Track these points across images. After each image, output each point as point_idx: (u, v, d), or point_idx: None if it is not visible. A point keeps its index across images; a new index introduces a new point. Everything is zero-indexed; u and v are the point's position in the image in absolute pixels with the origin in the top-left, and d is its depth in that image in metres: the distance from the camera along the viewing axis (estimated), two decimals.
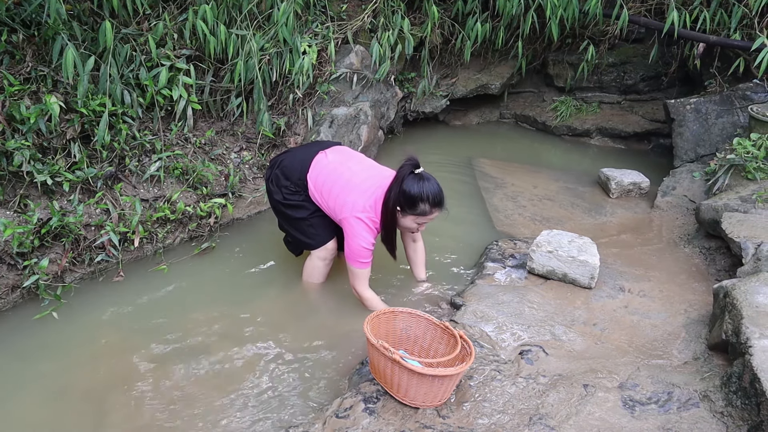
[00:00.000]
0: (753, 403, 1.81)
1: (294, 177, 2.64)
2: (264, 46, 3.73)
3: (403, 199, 2.38)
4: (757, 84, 4.14)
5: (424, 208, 2.39)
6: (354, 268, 2.55)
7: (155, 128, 3.34)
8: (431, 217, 2.44)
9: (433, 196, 2.37)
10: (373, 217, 2.48)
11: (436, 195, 2.38)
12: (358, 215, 2.46)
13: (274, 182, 2.71)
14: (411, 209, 2.40)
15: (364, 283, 2.59)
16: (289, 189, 2.67)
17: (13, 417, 2.09)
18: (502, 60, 5.51)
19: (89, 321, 2.60)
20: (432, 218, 2.46)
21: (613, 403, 2.00)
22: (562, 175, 4.49)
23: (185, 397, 2.19)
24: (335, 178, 2.55)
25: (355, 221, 2.46)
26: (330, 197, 2.56)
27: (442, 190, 2.41)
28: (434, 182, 2.40)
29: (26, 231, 2.60)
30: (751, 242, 2.73)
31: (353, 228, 2.47)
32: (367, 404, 2.00)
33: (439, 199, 2.39)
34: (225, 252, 3.20)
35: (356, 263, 2.53)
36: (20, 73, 2.88)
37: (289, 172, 2.66)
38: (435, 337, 2.20)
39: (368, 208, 2.47)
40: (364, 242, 2.48)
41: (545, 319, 2.54)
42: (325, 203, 2.60)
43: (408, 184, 2.37)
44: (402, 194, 2.38)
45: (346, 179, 2.53)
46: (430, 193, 2.36)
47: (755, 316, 2.07)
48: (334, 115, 4.08)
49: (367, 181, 2.54)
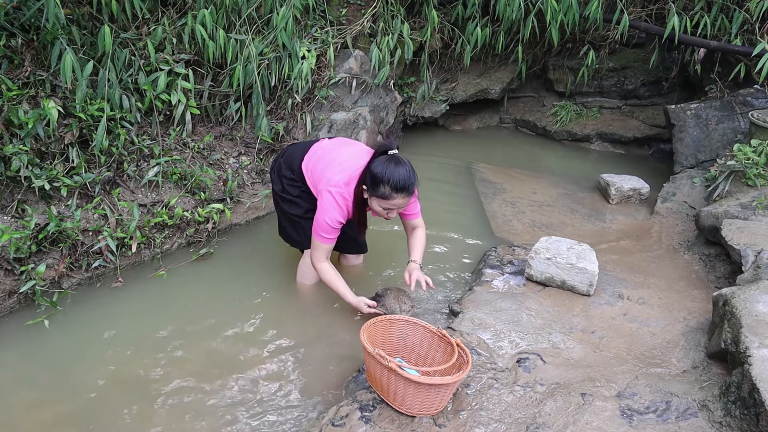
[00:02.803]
0: (752, 413, 1.79)
1: (295, 165, 2.65)
2: (263, 50, 3.72)
3: (368, 178, 2.30)
4: (758, 90, 4.13)
5: (384, 191, 2.26)
6: (315, 240, 2.51)
7: (154, 133, 3.33)
8: (393, 202, 2.30)
9: (395, 180, 2.23)
10: (344, 194, 2.41)
11: (399, 180, 2.23)
12: (330, 188, 2.41)
13: (276, 172, 2.74)
14: (373, 190, 2.30)
15: (320, 256, 2.54)
16: (288, 179, 2.67)
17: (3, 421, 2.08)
18: (502, 65, 5.51)
19: (86, 326, 2.59)
20: (395, 204, 2.31)
21: (611, 413, 1.99)
22: (562, 180, 4.48)
23: (180, 405, 2.17)
24: (326, 161, 2.53)
25: (326, 194, 2.42)
26: (314, 176, 2.55)
27: (411, 176, 2.27)
28: (405, 168, 2.25)
29: (23, 236, 2.60)
30: (751, 250, 2.72)
31: (323, 201, 2.43)
32: (363, 412, 1.99)
33: (402, 184, 2.24)
34: (223, 258, 3.19)
35: (318, 236, 2.48)
36: (19, 77, 2.87)
37: (291, 159, 2.68)
38: (432, 345, 2.19)
39: (341, 184, 2.41)
40: (328, 218, 2.41)
41: (543, 326, 2.53)
42: (314, 187, 2.58)
43: (375, 164, 2.28)
44: (368, 172, 2.30)
45: (332, 158, 2.52)
46: (393, 176, 2.23)
47: (755, 325, 2.05)
48: (333, 120, 4.08)
49: (350, 160, 2.47)
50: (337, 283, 2.56)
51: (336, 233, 2.49)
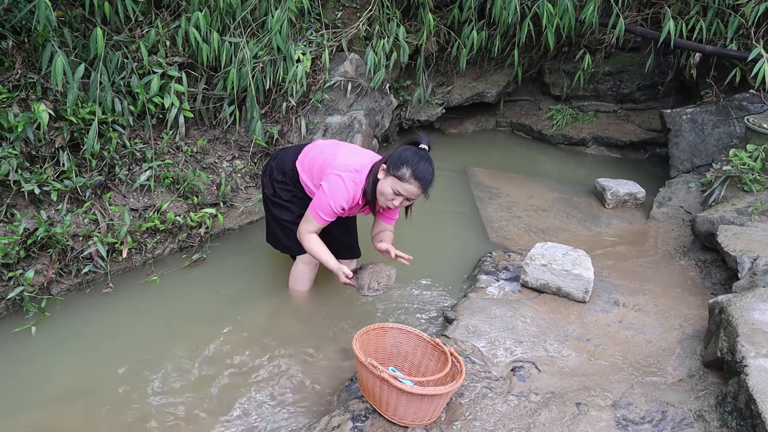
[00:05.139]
0: (748, 424, 1.77)
1: (287, 167, 2.62)
2: (257, 53, 3.69)
3: (394, 157, 2.31)
4: (754, 94, 4.13)
5: (405, 173, 2.26)
6: (310, 216, 2.46)
7: (146, 136, 3.30)
8: (406, 186, 2.28)
9: (420, 170, 2.26)
10: (356, 179, 2.39)
11: (423, 171, 2.27)
12: (340, 172, 2.38)
13: (267, 175, 2.72)
14: (394, 169, 2.28)
15: (310, 229, 2.51)
16: (279, 183, 2.65)
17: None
18: (498, 68, 5.49)
19: (75, 333, 2.55)
20: (407, 189, 2.29)
21: (607, 423, 1.96)
22: (558, 184, 4.46)
23: (169, 413, 2.14)
24: (328, 153, 2.51)
25: (334, 177, 2.38)
26: (314, 169, 2.52)
27: (433, 178, 2.31)
28: (431, 166, 2.30)
29: (12, 241, 2.56)
30: (747, 256, 2.71)
31: (330, 184, 2.38)
32: (355, 423, 1.96)
33: (423, 176, 2.27)
34: (215, 263, 3.15)
35: (315, 214, 2.44)
36: (9, 80, 2.84)
37: (282, 162, 2.65)
38: (425, 354, 2.16)
39: (352, 169, 2.39)
40: (332, 201, 2.38)
41: (538, 334, 2.50)
42: (313, 180, 2.54)
43: (405, 147, 2.33)
44: (396, 152, 2.32)
45: (334, 151, 2.50)
46: (419, 165, 2.26)
47: (751, 334, 2.03)
48: (328, 123, 4.05)
49: (356, 153, 2.50)
50: (321, 251, 2.52)
51: (334, 216, 2.47)
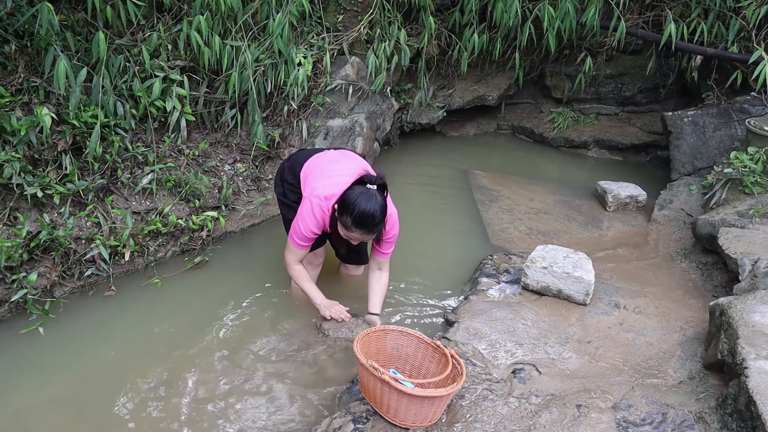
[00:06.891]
0: (749, 426, 1.77)
1: (297, 170, 2.65)
2: (259, 57, 3.71)
3: (340, 201, 2.30)
4: (755, 97, 4.13)
5: (347, 221, 2.24)
6: (289, 243, 2.52)
7: (148, 140, 3.32)
8: (351, 234, 2.29)
9: (358, 214, 2.19)
10: (323, 206, 2.37)
11: (361, 214, 2.19)
12: (311, 198, 2.39)
13: (280, 175, 2.75)
14: (339, 214, 2.29)
15: (294, 258, 2.55)
16: (289, 184, 2.67)
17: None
18: (500, 71, 5.50)
19: (77, 335, 2.56)
20: (353, 236, 2.30)
21: (607, 425, 1.96)
22: (559, 187, 4.46)
23: (170, 414, 2.15)
24: (320, 171, 2.52)
25: (306, 202, 2.41)
26: (304, 184, 2.55)
27: (376, 217, 2.21)
28: (373, 204, 2.20)
29: (15, 244, 2.57)
30: (748, 258, 2.70)
31: (302, 207, 2.42)
32: (356, 425, 1.96)
33: (362, 220, 2.20)
34: (217, 266, 3.16)
35: (292, 240, 2.49)
36: (12, 84, 2.86)
37: (294, 164, 2.68)
38: (426, 356, 2.17)
39: (322, 196, 2.37)
40: (302, 226, 2.41)
41: (539, 336, 2.50)
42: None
43: (349, 190, 2.27)
44: (342, 195, 2.29)
45: (326, 170, 2.51)
46: (357, 210, 2.19)
47: (751, 336, 2.03)
48: (330, 126, 4.07)
49: (341, 177, 2.41)
50: (306, 284, 2.60)
51: (309, 242, 2.49)
